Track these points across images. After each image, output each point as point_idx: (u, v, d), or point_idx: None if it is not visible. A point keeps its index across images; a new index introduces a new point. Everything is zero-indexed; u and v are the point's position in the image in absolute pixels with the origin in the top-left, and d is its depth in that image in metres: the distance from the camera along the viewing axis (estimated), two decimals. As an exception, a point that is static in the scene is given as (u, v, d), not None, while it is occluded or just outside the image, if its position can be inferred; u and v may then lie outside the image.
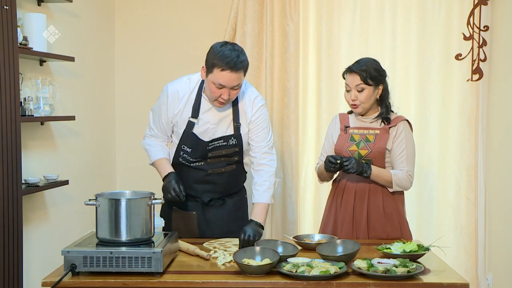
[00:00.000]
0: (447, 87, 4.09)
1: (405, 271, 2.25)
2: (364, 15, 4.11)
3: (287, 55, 4.07)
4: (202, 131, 2.88)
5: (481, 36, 4.00)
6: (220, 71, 2.68)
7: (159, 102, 2.95)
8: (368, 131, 2.98)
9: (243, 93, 2.91)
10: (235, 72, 2.69)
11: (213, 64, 2.69)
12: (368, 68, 2.92)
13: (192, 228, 2.99)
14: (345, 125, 3.04)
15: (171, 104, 2.88)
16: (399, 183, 2.92)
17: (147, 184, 3.37)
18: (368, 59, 3.01)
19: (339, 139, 3.03)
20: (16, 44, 2.74)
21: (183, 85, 2.89)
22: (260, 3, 4.08)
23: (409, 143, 2.97)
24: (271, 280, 2.24)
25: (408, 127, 3.00)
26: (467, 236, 4.08)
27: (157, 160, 2.94)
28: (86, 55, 3.80)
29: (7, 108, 2.68)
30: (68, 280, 2.22)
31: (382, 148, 2.92)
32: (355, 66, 2.95)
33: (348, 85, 2.96)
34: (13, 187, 2.73)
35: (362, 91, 2.91)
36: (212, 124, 2.87)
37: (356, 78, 2.92)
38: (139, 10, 4.30)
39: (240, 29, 4.07)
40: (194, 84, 2.89)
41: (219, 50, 2.71)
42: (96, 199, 2.33)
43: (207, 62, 2.75)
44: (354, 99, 2.93)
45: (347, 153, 2.95)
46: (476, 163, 4.06)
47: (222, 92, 2.73)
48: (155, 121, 2.98)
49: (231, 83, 2.71)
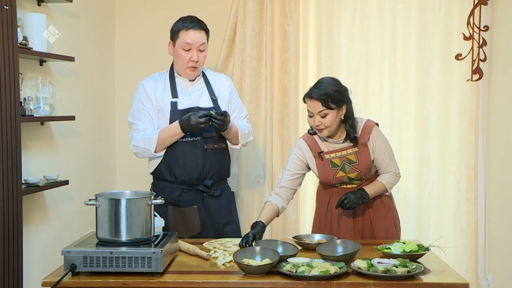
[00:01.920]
0: (447, 87, 4.08)
1: (405, 271, 2.25)
2: (364, 15, 4.10)
3: (287, 55, 4.06)
4: (187, 108, 3.03)
5: (481, 36, 4.00)
6: (186, 30, 3.05)
7: (138, 97, 3.10)
8: (346, 151, 2.88)
9: (208, 72, 3.25)
10: (198, 29, 3.07)
11: (178, 28, 3.07)
12: (328, 91, 2.77)
13: (193, 223, 3.00)
14: (317, 152, 2.91)
15: (150, 91, 3.07)
16: (392, 186, 2.97)
17: (147, 184, 3.38)
18: (327, 80, 2.86)
19: (320, 168, 2.90)
20: (16, 44, 2.74)
21: (154, 76, 3.18)
22: (260, 3, 4.08)
23: (386, 145, 2.94)
24: (271, 280, 2.24)
25: (379, 130, 2.94)
26: (467, 236, 4.08)
27: (159, 133, 3.00)
28: (86, 55, 3.80)
29: (7, 108, 2.67)
30: (68, 280, 2.22)
31: (368, 164, 2.88)
32: (315, 92, 2.79)
33: (310, 111, 2.83)
34: (13, 187, 2.73)
35: (325, 116, 2.79)
36: (193, 100, 3.07)
37: (317, 104, 2.78)
38: (139, 10, 4.30)
39: (240, 29, 4.07)
40: (163, 72, 3.19)
41: (180, 18, 3.13)
42: (96, 199, 2.34)
43: (172, 32, 3.12)
44: (318, 124, 2.81)
45: (336, 180, 2.89)
46: (476, 163, 4.06)
47: (191, 55, 3.04)
48: (140, 116, 3.05)
49: (197, 40, 3.04)
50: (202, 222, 3.02)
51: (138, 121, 3.05)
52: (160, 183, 3.09)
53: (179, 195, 3.03)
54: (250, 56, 4.07)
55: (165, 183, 3.07)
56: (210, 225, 3.05)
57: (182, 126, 2.94)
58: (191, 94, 3.10)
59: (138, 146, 3.01)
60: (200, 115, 2.89)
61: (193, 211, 3.01)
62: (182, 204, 3.01)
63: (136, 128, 3.05)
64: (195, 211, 3.01)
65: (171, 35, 3.13)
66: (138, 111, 3.06)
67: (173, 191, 3.04)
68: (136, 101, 3.09)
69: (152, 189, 3.15)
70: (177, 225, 3.00)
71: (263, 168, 4.13)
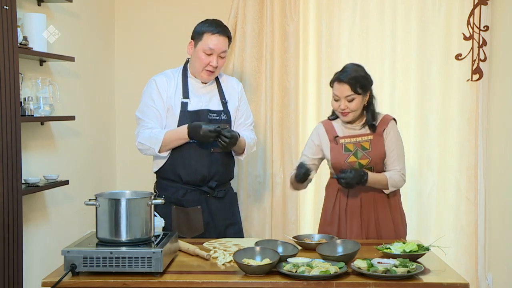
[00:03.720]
0: (447, 87, 4.09)
1: (405, 271, 2.25)
2: (364, 15, 4.10)
3: (287, 55, 4.07)
4: (197, 110, 3.02)
5: (481, 36, 4.00)
6: (211, 35, 3.00)
7: (148, 93, 3.06)
8: (361, 138, 2.93)
9: (221, 74, 3.21)
10: (224, 35, 3.02)
11: (203, 31, 3.01)
12: (357, 76, 2.86)
13: (196, 224, 3.00)
14: (333, 135, 2.97)
15: (162, 89, 3.04)
16: (394, 184, 2.93)
17: (147, 184, 3.38)
18: (354, 66, 2.94)
19: (333, 152, 2.95)
20: (16, 44, 2.74)
21: (167, 73, 3.13)
22: (260, 3, 4.08)
23: (398, 142, 2.96)
24: (271, 280, 2.24)
25: (395, 125, 3.00)
26: (467, 236, 4.08)
27: (165, 134, 2.96)
28: (86, 55, 3.80)
29: (7, 108, 2.67)
30: (68, 280, 2.22)
31: (381, 154, 2.90)
32: (344, 76, 2.86)
33: (337, 95, 2.89)
34: (13, 187, 2.73)
35: (352, 101, 2.86)
36: (204, 102, 3.05)
37: (346, 88, 2.85)
38: (139, 10, 4.30)
39: (240, 29, 4.07)
40: (176, 70, 3.15)
41: (206, 21, 3.07)
42: (96, 199, 2.34)
43: (196, 32, 3.06)
44: (344, 108, 2.88)
45: (347, 165, 2.89)
46: (476, 163, 4.06)
47: (211, 59, 3.00)
48: (149, 113, 3.02)
49: (220, 46, 3.00)
50: (205, 222, 3.02)
51: (146, 117, 3.02)
52: (164, 183, 3.09)
53: (183, 195, 3.03)
54: (250, 56, 4.07)
55: (169, 182, 3.06)
56: (212, 226, 3.04)
57: (190, 133, 2.91)
58: (202, 96, 3.07)
59: (143, 143, 2.99)
60: (211, 129, 2.85)
61: (197, 211, 3.00)
62: (186, 204, 3.01)
63: (143, 125, 3.03)
64: (198, 211, 3.01)
65: (194, 35, 3.07)
66: (147, 108, 3.03)
67: (177, 191, 3.04)
68: (147, 97, 3.06)
69: (156, 188, 3.13)
70: (180, 225, 3.00)
71: (263, 168, 4.13)
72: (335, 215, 3.01)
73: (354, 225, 2.95)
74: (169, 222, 2.97)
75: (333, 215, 3.01)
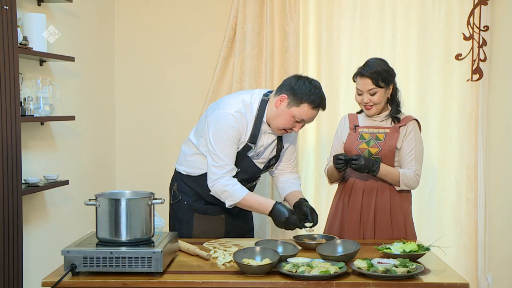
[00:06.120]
0: (447, 87, 4.09)
1: (405, 271, 2.25)
2: (364, 15, 4.10)
3: (287, 55, 4.06)
4: (254, 154, 2.93)
5: (481, 36, 4.00)
6: (311, 108, 2.78)
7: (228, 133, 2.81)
8: (378, 129, 2.99)
9: None
10: (318, 111, 2.83)
11: (304, 100, 2.76)
12: (378, 70, 2.92)
13: (218, 230, 2.99)
14: (354, 124, 3.05)
15: (239, 133, 2.84)
16: (407, 182, 2.95)
17: (147, 184, 3.38)
18: (376, 60, 2.99)
19: (349, 138, 3.04)
20: (16, 44, 2.74)
21: (241, 111, 2.85)
22: (260, 3, 4.08)
23: (418, 143, 2.99)
24: (271, 280, 2.24)
25: (417, 126, 3.04)
26: (467, 236, 4.08)
27: (245, 196, 2.81)
28: (86, 55, 3.80)
29: (7, 108, 2.67)
30: (68, 280, 2.22)
31: (392, 147, 2.93)
32: (366, 70, 2.92)
33: (360, 89, 2.95)
34: (13, 187, 2.73)
35: (374, 94, 2.92)
36: (264, 147, 2.95)
37: (367, 82, 2.91)
38: (139, 10, 4.30)
39: (240, 29, 4.07)
40: (250, 107, 2.88)
41: (310, 88, 2.78)
42: (96, 199, 2.34)
43: (296, 93, 2.77)
44: (367, 101, 2.94)
45: (357, 151, 2.96)
46: (476, 163, 4.06)
47: (297, 126, 2.83)
48: (225, 151, 2.81)
49: (312, 120, 2.85)
50: (226, 231, 3.01)
51: (222, 154, 2.81)
52: (186, 188, 3.02)
53: (206, 203, 3.00)
54: (250, 56, 4.07)
55: (192, 190, 3.02)
56: (233, 234, 3.03)
57: (274, 215, 2.78)
58: (265, 141, 2.93)
59: (216, 192, 2.84)
60: (300, 226, 2.74)
61: (220, 219, 3.00)
62: (209, 212, 3.00)
63: (218, 163, 2.81)
64: (221, 220, 3.00)
65: (294, 94, 2.78)
66: (225, 147, 2.82)
67: (199, 199, 3.01)
68: (226, 136, 2.81)
69: (177, 189, 3.05)
70: (202, 229, 2.97)
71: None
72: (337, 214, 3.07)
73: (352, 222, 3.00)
74: (190, 228, 2.97)
75: (336, 215, 3.09)
